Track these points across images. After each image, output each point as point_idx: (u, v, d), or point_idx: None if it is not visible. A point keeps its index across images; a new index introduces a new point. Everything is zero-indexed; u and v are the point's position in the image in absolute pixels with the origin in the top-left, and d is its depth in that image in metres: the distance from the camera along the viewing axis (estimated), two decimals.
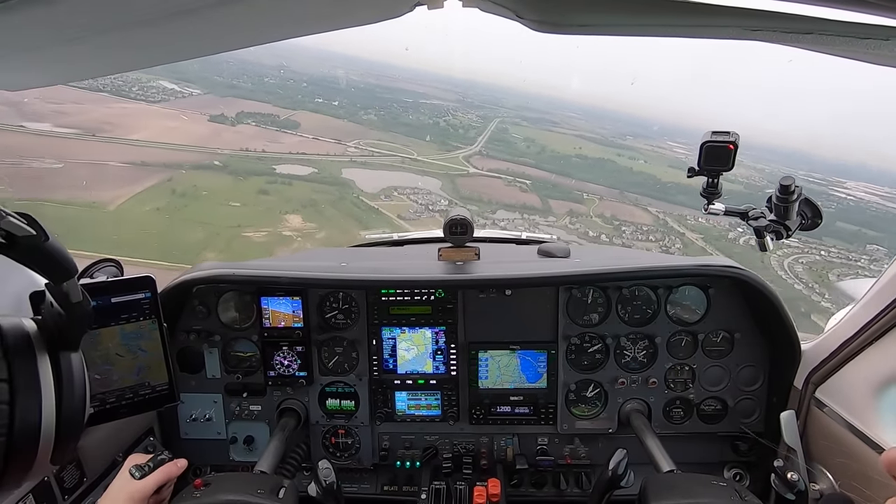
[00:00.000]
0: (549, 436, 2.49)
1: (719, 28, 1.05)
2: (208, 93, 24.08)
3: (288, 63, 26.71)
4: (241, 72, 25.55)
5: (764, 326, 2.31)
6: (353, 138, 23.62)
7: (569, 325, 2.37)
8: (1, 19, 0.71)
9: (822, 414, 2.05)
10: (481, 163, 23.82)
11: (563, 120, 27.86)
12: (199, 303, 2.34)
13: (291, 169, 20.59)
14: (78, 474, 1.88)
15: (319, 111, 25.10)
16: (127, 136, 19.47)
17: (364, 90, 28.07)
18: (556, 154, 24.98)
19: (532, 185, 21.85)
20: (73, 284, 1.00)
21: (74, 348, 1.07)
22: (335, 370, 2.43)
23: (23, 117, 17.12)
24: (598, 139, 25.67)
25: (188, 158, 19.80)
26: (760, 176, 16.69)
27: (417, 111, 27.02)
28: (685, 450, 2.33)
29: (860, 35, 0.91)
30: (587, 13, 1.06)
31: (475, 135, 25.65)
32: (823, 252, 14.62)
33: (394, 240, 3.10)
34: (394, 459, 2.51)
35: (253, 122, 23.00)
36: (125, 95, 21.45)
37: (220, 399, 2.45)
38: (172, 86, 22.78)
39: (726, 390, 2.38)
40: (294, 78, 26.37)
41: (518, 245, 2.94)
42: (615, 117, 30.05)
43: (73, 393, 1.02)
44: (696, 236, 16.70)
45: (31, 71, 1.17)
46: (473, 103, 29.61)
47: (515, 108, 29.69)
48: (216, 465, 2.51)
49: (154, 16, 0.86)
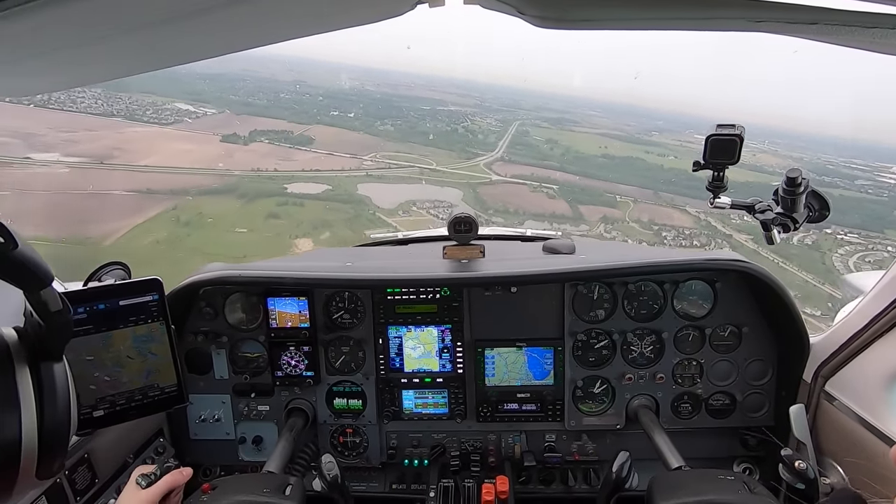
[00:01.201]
0: (556, 432, 2.48)
1: (723, 20, 1.04)
2: (223, 112, 23.74)
3: (304, 78, 26.33)
4: (257, 89, 25.30)
5: (772, 320, 2.30)
6: (370, 151, 23.03)
7: (575, 321, 2.37)
8: (8, 25, 0.71)
9: (832, 407, 2.03)
10: (504, 169, 22.90)
11: (584, 118, 27.00)
12: (206, 304, 2.36)
13: (304, 188, 19.98)
14: (90, 476, 1.90)
15: (335, 124, 24.56)
16: (136, 161, 19.08)
17: (380, 100, 27.54)
18: (580, 155, 24.02)
19: (559, 191, 20.78)
20: (50, 293, 0.95)
21: (57, 358, 1.02)
22: (342, 369, 2.44)
23: (31, 149, 16.63)
24: (623, 136, 24.63)
25: (197, 182, 19.24)
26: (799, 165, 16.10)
27: (435, 118, 26.39)
28: (694, 445, 2.31)
29: (866, 24, 0.90)
30: (589, 8, 1.06)
31: (495, 140, 24.86)
32: (891, 248, 13.52)
33: (399, 239, 3.11)
34: (402, 458, 2.51)
35: (266, 139, 22.58)
36: (138, 119, 21.13)
37: (228, 400, 2.46)
38: (187, 106, 22.52)
39: (734, 385, 2.37)
40: (310, 92, 25.98)
41: (523, 242, 2.94)
42: (638, 112, 29.05)
43: (55, 405, 0.98)
44: (745, 237, 14.95)
45: (37, 76, 1.18)
46: (492, 107, 28.92)
47: (534, 108, 28.87)
48: (225, 465, 2.52)
49: (156, 18, 0.87)
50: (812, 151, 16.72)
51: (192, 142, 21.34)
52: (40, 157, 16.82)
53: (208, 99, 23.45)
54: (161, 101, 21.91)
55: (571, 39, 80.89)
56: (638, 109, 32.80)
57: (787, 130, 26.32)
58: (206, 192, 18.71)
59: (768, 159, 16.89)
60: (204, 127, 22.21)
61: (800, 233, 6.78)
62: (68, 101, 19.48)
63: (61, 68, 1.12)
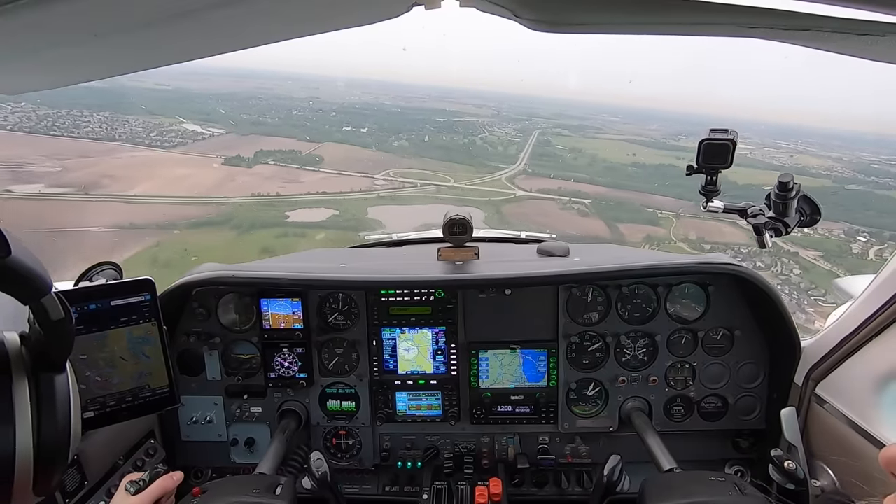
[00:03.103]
0: (550, 435, 2.49)
1: (715, 25, 1.05)
2: (230, 132, 22.24)
3: (319, 94, 25.30)
4: (269, 107, 24.13)
5: (764, 323, 2.32)
6: (383, 169, 20.96)
7: (569, 323, 2.37)
8: (2, 22, 0.71)
9: (823, 410, 2.05)
10: (528, 182, 20.58)
11: (606, 125, 25.22)
12: (198, 305, 2.34)
13: (307, 215, 17.86)
14: (79, 478, 1.87)
15: (347, 141, 22.89)
16: (126, 191, 17.09)
17: (395, 113, 26.10)
18: (609, 164, 21.59)
19: (592, 206, 18.25)
20: (50, 301, 0.91)
21: (59, 370, 0.97)
22: (335, 371, 2.43)
23: (15, 180, 14.74)
24: (650, 142, 22.19)
25: (187, 213, 17.00)
26: (841, 165, 14.91)
27: (451, 131, 24.84)
28: (686, 447, 2.33)
29: (857, 31, 0.91)
30: (584, 12, 1.07)
31: (516, 151, 22.97)
32: None
33: (393, 240, 3.10)
34: (395, 460, 2.50)
35: (272, 160, 20.87)
36: (140, 143, 19.53)
37: (220, 401, 2.44)
38: (194, 127, 21.26)
39: (727, 388, 2.39)
40: (323, 108, 24.80)
41: (517, 244, 2.94)
42: (659, 116, 27.05)
43: (55, 419, 0.94)
44: (813, 254, 12.24)
45: (31, 74, 1.17)
46: (509, 116, 27.45)
47: (553, 116, 27.08)
48: (217, 467, 2.50)
49: (151, 17, 0.86)
50: (849, 150, 15.67)
51: (191, 166, 19.80)
52: (21, 188, 14.91)
53: (217, 119, 22.16)
54: (168, 122, 20.65)
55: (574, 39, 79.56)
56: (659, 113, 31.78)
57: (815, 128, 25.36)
58: (196, 225, 16.63)
59: (808, 160, 15.86)
60: (207, 149, 20.68)
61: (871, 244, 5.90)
62: (71, 127, 18.22)
63: (56, 66, 1.11)
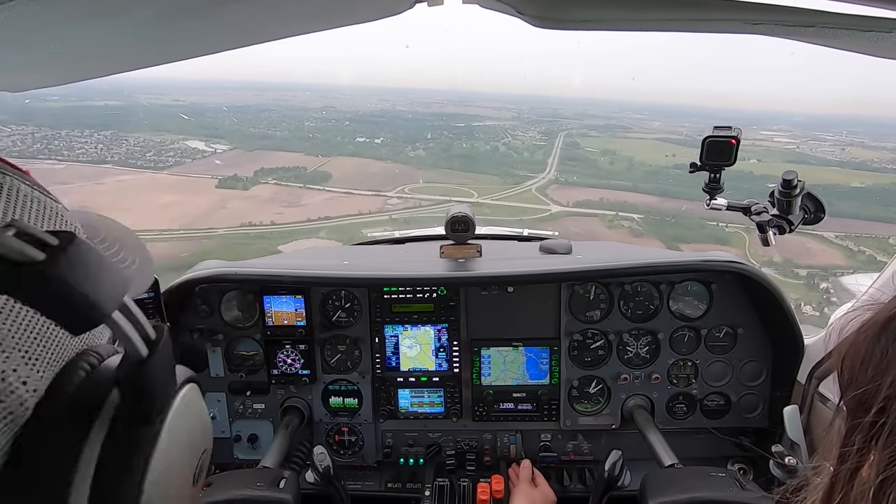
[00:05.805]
0: (552, 432, 2.49)
1: (720, 22, 1.05)
2: (235, 148, 20.31)
3: (334, 104, 23.96)
4: (281, 119, 22.38)
5: (766, 321, 2.31)
6: (397, 185, 18.36)
7: (571, 321, 2.37)
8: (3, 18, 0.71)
9: (826, 409, 2.04)
10: (562, 193, 17.64)
11: (634, 123, 22.99)
12: (201, 302, 2.35)
13: (302, 247, 14.45)
14: None
15: (359, 154, 20.60)
16: None
17: (412, 120, 24.12)
18: (650, 168, 18.84)
19: (645, 222, 15.04)
20: None
21: (148, 421, 0.58)
22: (338, 368, 2.44)
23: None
24: (685, 140, 19.26)
25: (164, 251, 13.23)
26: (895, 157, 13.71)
27: (472, 136, 22.63)
28: (688, 445, 2.33)
29: (863, 28, 0.90)
30: (587, 8, 1.06)
31: (543, 156, 20.33)
32: None
33: (395, 237, 3.10)
34: (397, 457, 2.51)
35: (273, 179, 18.39)
36: (132, 165, 17.30)
37: (223, 398, 2.45)
38: (198, 144, 19.44)
39: (729, 386, 2.38)
40: (337, 118, 23.08)
41: (520, 242, 2.94)
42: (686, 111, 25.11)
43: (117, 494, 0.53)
44: None
45: (33, 72, 1.17)
46: (531, 118, 25.62)
47: (576, 116, 24.86)
48: (220, 463, 2.51)
49: (152, 15, 0.86)
50: None
51: (179, 191, 17.09)
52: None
53: (223, 134, 20.29)
54: (171, 139, 18.72)
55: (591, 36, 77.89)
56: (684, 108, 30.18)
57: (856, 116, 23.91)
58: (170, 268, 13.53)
59: (862, 153, 14.27)
60: (204, 169, 18.29)
61: None
62: (64, 149, 16.44)
63: (57, 63, 1.11)
